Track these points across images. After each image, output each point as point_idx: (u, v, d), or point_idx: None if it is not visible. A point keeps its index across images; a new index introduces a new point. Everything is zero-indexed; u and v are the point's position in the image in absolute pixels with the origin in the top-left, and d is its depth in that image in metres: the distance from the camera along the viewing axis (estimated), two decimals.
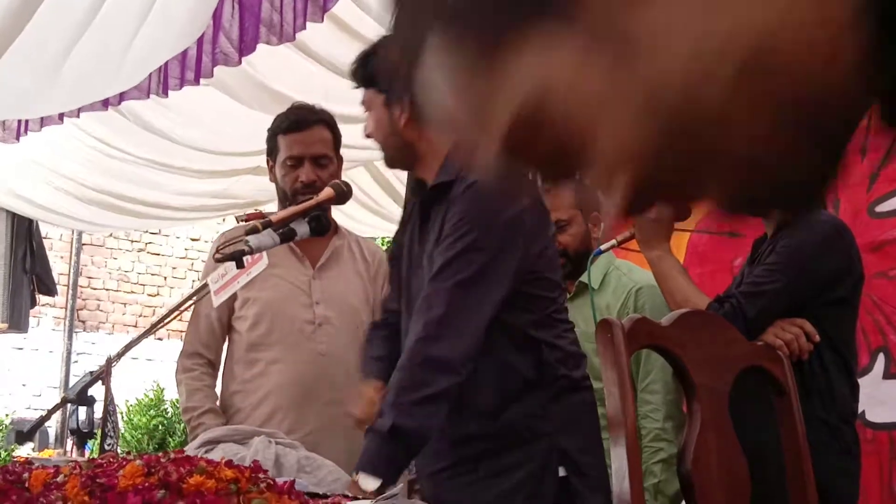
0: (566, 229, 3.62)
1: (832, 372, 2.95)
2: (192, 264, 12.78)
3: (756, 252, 3.11)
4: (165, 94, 4.30)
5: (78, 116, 4.96)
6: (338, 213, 3.39)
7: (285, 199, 3.32)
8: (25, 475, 1.88)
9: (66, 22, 3.55)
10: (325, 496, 1.95)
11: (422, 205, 2.65)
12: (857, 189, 3.95)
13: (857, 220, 3.88)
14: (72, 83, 3.86)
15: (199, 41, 3.97)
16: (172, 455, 1.74)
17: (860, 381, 3.56)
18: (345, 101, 5.22)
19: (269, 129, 3.43)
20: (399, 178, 6.50)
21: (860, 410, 3.66)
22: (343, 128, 3.50)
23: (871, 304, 3.68)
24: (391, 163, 2.75)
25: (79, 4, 3.50)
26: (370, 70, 2.59)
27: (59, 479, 1.80)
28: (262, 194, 6.78)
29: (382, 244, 11.46)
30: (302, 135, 3.33)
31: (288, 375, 3.23)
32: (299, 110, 3.42)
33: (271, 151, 3.40)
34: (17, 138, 5.31)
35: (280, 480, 1.76)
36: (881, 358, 3.79)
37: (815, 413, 2.88)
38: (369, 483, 2.22)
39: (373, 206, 7.00)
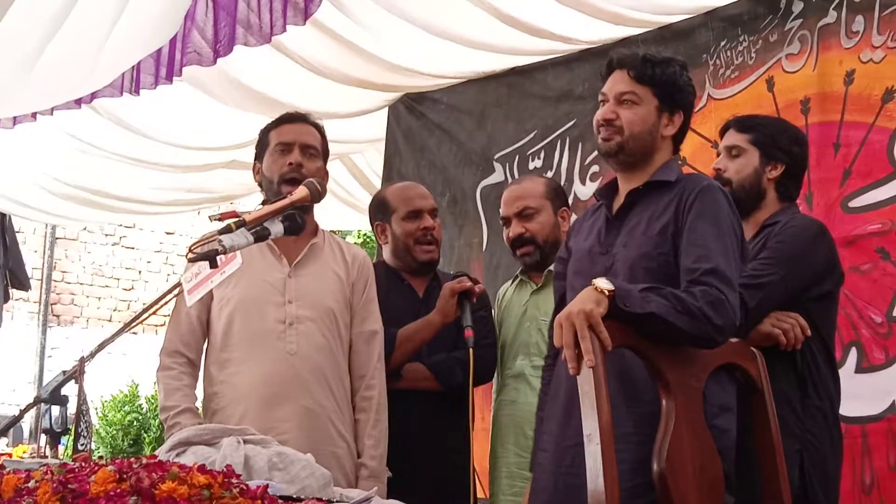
0: (534, 217, 3.66)
1: (821, 364, 3.08)
2: (167, 258, 12.73)
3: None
4: (137, 92, 4.28)
5: (51, 114, 4.93)
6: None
7: (271, 190, 3.32)
8: None
9: (38, 21, 3.52)
10: (298, 499, 1.94)
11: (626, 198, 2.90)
12: (830, 184, 3.96)
13: (831, 215, 3.90)
14: (44, 83, 3.83)
15: (173, 40, 3.94)
16: (144, 460, 1.74)
17: None
18: (319, 99, 5.24)
19: (260, 131, 3.47)
20: (375, 172, 6.50)
21: None
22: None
23: (844, 298, 3.69)
24: (620, 153, 2.88)
25: (51, 4, 3.47)
26: (658, 74, 2.86)
27: (31, 484, 1.79)
28: (237, 188, 6.78)
29: (358, 237, 11.49)
30: (294, 125, 3.42)
31: (257, 375, 3.20)
32: (293, 111, 3.54)
33: (260, 151, 3.43)
34: None
35: (253, 484, 1.75)
36: (853, 352, 3.81)
37: (813, 402, 3.04)
38: (604, 283, 2.46)
39: (348, 199, 6.99)
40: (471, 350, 3.40)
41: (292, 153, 3.33)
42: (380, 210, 3.81)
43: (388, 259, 3.79)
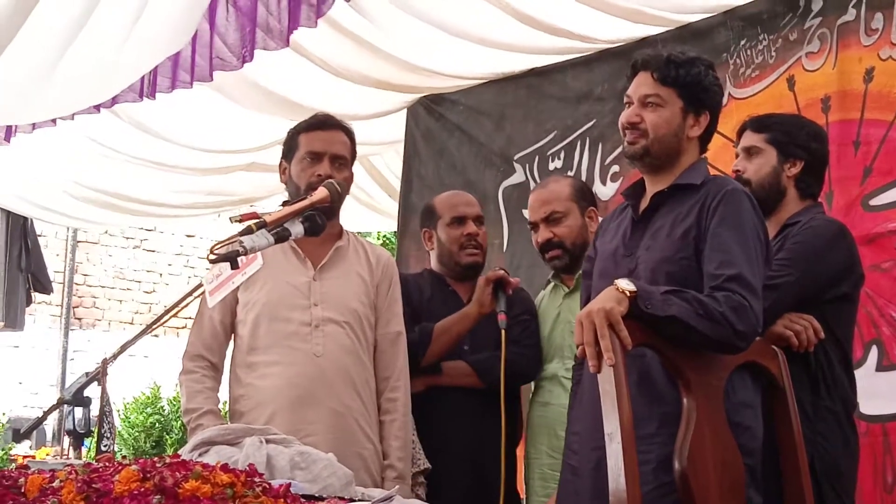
0: (561, 221, 3.66)
1: (836, 365, 3.05)
2: (188, 260, 12.76)
3: None
4: (153, 96, 4.30)
5: (72, 119, 4.95)
6: None
7: (297, 196, 3.30)
8: (21, 480, 1.89)
9: (56, 28, 3.53)
10: (320, 498, 1.95)
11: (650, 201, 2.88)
12: (850, 182, 3.95)
13: (851, 213, 3.89)
14: (64, 89, 3.85)
15: (193, 44, 3.96)
16: (168, 459, 1.75)
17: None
18: (337, 100, 5.25)
19: (289, 132, 3.47)
20: (394, 174, 6.51)
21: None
22: None
23: (865, 296, 3.68)
24: (645, 156, 2.86)
25: (69, 10, 3.48)
26: (682, 75, 2.83)
27: (55, 483, 1.81)
28: (257, 190, 6.79)
29: (378, 238, 11.49)
30: (325, 133, 3.39)
31: (285, 378, 3.21)
32: (324, 115, 3.51)
33: (288, 152, 3.42)
34: (8, 140, 5.31)
35: (276, 483, 1.76)
36: (874, 350, 3.79)
37: (824, 403, 3.01)
38: (625, 284, 2.47)
39: (367, 201, 7.00)
40: (503, 332, 3.47)
41: (322, 164, 3.31)
42: (427, 217, 3.89)
43: (434, 265, 3.86)
